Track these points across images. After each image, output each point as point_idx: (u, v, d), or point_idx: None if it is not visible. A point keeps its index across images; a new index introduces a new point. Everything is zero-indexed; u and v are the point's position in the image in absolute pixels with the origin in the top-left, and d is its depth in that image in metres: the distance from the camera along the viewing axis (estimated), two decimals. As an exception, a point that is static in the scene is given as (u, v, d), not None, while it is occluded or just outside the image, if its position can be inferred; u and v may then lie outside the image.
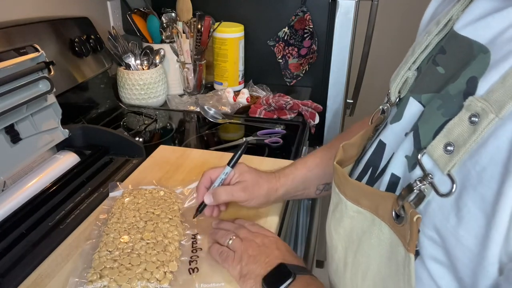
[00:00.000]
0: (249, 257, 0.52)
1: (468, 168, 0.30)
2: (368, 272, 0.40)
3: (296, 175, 0.65)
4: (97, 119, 1.04)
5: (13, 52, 0.74)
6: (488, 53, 0.32)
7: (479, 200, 0.29)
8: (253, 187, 0.61)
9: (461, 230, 0.30)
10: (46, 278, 0.52)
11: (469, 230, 0.29)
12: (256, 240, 0.54)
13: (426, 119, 0.36)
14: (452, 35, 0.37)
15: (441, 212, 0.32)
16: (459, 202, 0.30)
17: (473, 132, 0.30)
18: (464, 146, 0.30)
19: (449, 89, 0.34)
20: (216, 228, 0.60)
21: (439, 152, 0.32)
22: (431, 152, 0.33)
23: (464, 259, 0.30)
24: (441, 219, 0.32)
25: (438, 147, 0.32)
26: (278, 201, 0.67)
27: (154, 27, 1.17)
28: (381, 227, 0.38)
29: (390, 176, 0.38)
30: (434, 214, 0.32)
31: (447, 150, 0.31)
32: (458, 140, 0.31)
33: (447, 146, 0.31)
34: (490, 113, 0.29)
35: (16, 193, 0.66)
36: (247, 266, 0.51)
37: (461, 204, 0.30)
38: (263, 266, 0.50)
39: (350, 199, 0.42)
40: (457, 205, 0.30)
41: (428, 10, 0.47)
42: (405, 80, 0.42)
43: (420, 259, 0.35)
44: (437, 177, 0.32)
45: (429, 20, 0.46)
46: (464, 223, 0.30)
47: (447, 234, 0.31)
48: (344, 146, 0.46)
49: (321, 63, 1.28)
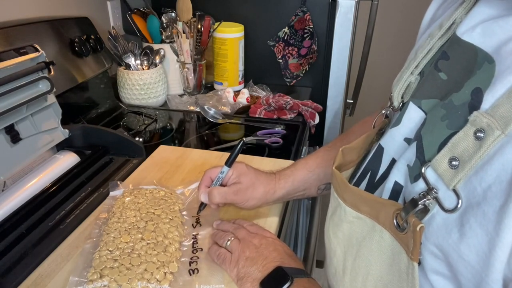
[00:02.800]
0: (246, 260, 0.51)
1: (474, 184, 0.29)
2: (369, 277, 0.40)
3: (297, 176, 0.65)
4: (97, 119, 1.03)
5: (13, 52, 0.74)
6: (493, 63, 0.31)
7: (481, 217, 0.28)
8: (247, 190, 0.61)
9: (462, 246, 0.30)
10: (46, 278, 0.52)
11: (470, 247, 0.29)
12: (254, 241, 0.54)
13: (429, 129, 0.35)
14: (455, 40, 0.36)
15: (444, 227, 0.31)
16: (463, 218, 0.30)
17: (479, 148, 0.29)
18: (469, 162, 0.30)
19: (453, 99, 0.34)
20: (216, 228, 0.60)
21: (444, 167, 0.31)
22: (436, 166, 0.32)
23: (467, 274, 0.30)
24: (443, 234, 0.31)
25: (443, 161, 0.32)
26: (278, 202, 0.67)
27: (154, 27, 1.17)
28: (382, 233, 0.38)
29: (393, 183, 0.38)
30: (438, 229, 0.32)
31: (452, 165, 0.31)
32: (463, 156, 0.30)
33: (452, 161, 0.31)
34: (496, 129, 0.28)
35: (16, 193, 0.66)
36: (244, 268, 0.51)
37: (464, 220, 0.30)
38: (261, 269, 0.50)
39: (349, 204, 0.42)
40: (461, 221, 0.30)
41: (428, 12, 0.47)
42: (407, 85, 0.42)
43: (421, 269, 0.34)
44: (441, 191, 0.32)
45: (429, 22, 0.46)
46: (466, 240, 0.29)
47: (449, 250, 0.31)
48: (343, 150, 0.46)
49: (321, 63, 1.28)
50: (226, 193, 0.60)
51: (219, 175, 0.61)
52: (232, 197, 0.60)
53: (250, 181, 0.62)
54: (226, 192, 0.60)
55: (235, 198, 0.61)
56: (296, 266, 0.51)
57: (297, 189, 0.65)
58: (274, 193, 0.63)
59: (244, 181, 0.61)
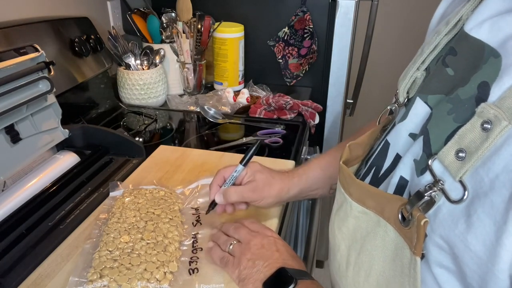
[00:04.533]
0: (248, 261, 0.51)
1: (481, 175, 0.30)
2: (371, 272, 0.40)
3: (310, 175, 0.65)
4: (97, 119, 1.03)
5: (13, 52, 0.74)
6: (499, 58, 0.31)
7: (488, 207, 0.29)
8: (263, 188, 0.61)
9: (469, 236, 0.30)
10: (46, 278, 0.52)
11: (477, 237, 0.29)
12: (256, 241, 0.53)
13: (436, 124, 0.35)
14: (462, 36, 0.37)
15: (450, 218, 0.31)
16: (470, 208, 0.30)
17: (486, 139, 0.29)
18: (476, 153, 0.30)
19: (459, 93, 0.34)
20: (218, 230, 0.60)
21: (451, 158, 0.32)
22: (442, 158, 0.32)
23: (473, 266, 0.30)
24: (450, 225, 0.31)
25: (450, 153, 0.32)
26: (292, 200, 0.66)
27: (154, 27, 1.17)
28: (387, 228, 0.38)
29: (399, 178, 0.38)
30: (444, 220, 0.32)
31: (458, 156, 0.31)
32: (470, 147, 0.30)
33: (459, 153, 0.31)
34: (503, 120, 0.29)
35: (16, 193, 0.66)
36: (246, 269, 0.50)
37: (471, 211, 0.30)
38: (263, 270, 0.50)
39: (355, 199, 0.42)
40: (468, 212, 0.30)
41: (438, 10, 0.47)
42: (413, 80, 0.42)
43: (425, 262, 0.34)
44: (448, 183, 0.32)
45: (439, 20, 0.46)
46: (473, 230, 0.29)
47: (456, 240, 0.31)
48: (350, 146, 0.46)
49: (321, 63, 1.28)
50: (243, 191, 0.60)
51: (233, 173, 0.61)
52: (249, 194, 0.60)
53: (266, 179, 0.62)
54: (242, 191, 0.60)
55: (252, 196, 0.60)
56: (299, 267, 0.51)
57: (310, 187, 0.65)
58: (288, 191, 0.63)
59: (260, 178, 0.61)
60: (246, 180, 0.62)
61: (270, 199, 0.62)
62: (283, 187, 0.62)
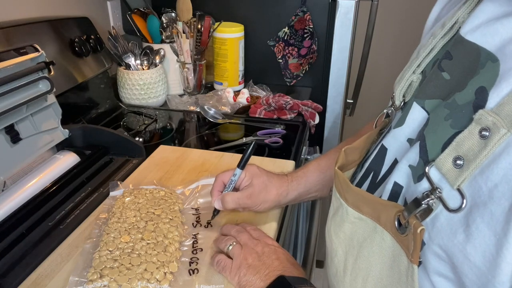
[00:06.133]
0: (248, 267, 0.51)
1: (479, 183, 0.29)
2: (369, 278, 0.40)
3: (309, 178, 0.64)
4: (97, 119, 1.03)
5: (13, 52, 0.74)
6: (497, 62, 0.31)
7: (488, 217, 0.28)
8: (260, 193, 0.60)
9: (468, 247, 0.29)
10: (46, 278, 0.52)
11: (476, 248, 0.29)
12: (257, 249, 0.53)
13: (433, 129, 0.35)
14: (458, 40, 0.36)
15: (449, 228, 0.31)
16: (469, 218, 0.29)
17: (484, 147, 0.29)
18: (474, 161, 0.29)
19: (456, 98, 0.33)
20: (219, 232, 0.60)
21: (448, 166, 0.31)
22: (440, 165, 0.32)
23: (472, 276, 0.29)
24: (448, 234, 0.31)
25: (447, 160, 0.31)
26: (291, 204, 0.66)
27: (154, 27, 1.17)
28: (383, 235, 0.38)
29: (393, 184, 0.38)
30: (442, 229, 0.31)
31: (456, 164, 0.30)
32: (468, 155, 0.30)
33: (457, 160, 0.30)
34: (501, 127, 0.28)
35: (16, 193, 0.66)
36: (246, 277, 0.50)
37: (470, 221, 0.29)
38: (263, 278, 0.49)
39: (351, 205, 0.42)
40: (466, 221, 0.30)
41: (433, 12, 0.46)
42: (409, 84, 0.42)
43: (423, 270, 0.34)
44: (445, 191, 0.31)
45: (434, 22, 0.46)
46: (472, 240, 0.29)
47: (455, 250, 0.30)
48: (346, 150, 0.46)
49: (321, 63, 1.28)
50: (239, 198, 0.59)
51: (232, 178, 0.60)
52: (245, 201, 0.60)
53: (263, 184, 0.61)
54: (239, 197, 0.59)
55: (249, 202, 0.60)
56: (299, 274, 0.51)
57: (309, 190, 0.64)
58: (286, 195, 0.63)
59: (257, 183, 0.61)
60: (244, 184, 0.61)
61: (267, 204, 0.61)
62: (281, 192, 0.62)
